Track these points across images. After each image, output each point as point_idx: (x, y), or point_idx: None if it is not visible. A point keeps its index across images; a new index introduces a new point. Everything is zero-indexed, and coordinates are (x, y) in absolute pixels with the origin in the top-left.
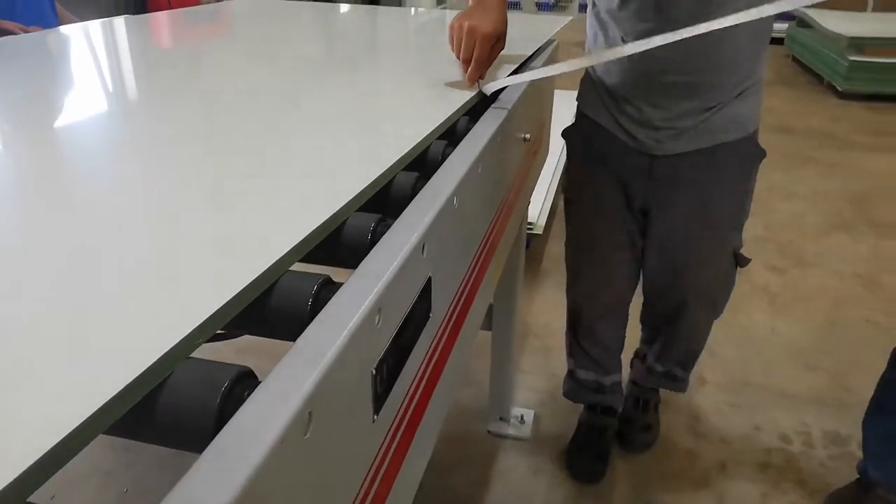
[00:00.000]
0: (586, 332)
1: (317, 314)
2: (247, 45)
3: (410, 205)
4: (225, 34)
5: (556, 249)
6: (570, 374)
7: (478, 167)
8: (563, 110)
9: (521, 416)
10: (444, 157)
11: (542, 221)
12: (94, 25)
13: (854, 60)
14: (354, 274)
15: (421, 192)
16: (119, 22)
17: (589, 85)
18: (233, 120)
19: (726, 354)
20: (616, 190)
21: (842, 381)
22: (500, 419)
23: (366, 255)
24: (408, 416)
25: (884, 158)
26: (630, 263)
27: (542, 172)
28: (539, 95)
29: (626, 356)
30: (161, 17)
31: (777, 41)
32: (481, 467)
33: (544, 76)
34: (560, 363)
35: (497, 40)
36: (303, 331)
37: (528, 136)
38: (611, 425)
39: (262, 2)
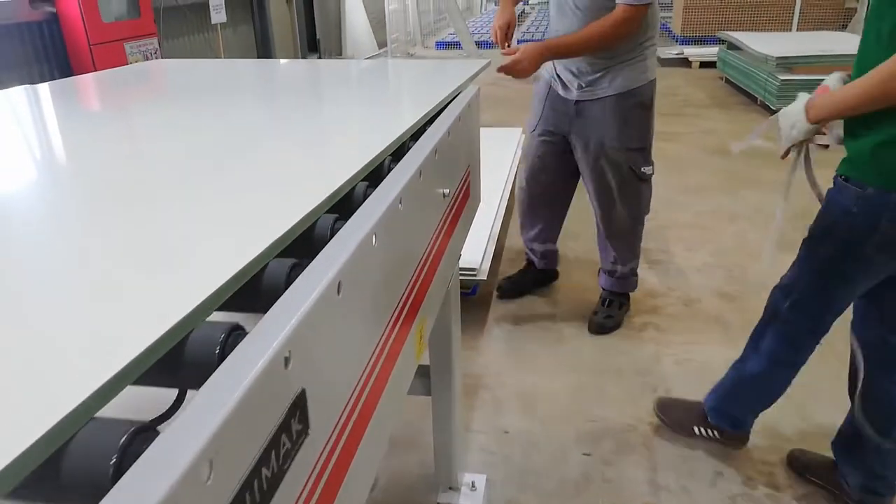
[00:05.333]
0: (528, 209)
1: None
2: (177, 104)
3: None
4: (152, 97)
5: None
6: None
7: (371, 240)
8: (493, 145)
9: (472, 483)
10: (334, 232)
11: (486, 266)
12: (17, 92)
13: (785, 79)
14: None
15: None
16: (44, 89)
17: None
18: (153, 171)
19: (684, 392)
20: (550, 124)
21: (801, 412)
22: (450, 489)
23: None
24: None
25: (820, 173)
26: (556, 169)
27: (482, 218)
28: (460, 144)
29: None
30: (87, 80)
31: (709, 65)
32: None
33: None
34: (513, 418)
35: (508, 27)
36: None
37: (446, 191)
38: (530, 271)
39: (192, 61)
